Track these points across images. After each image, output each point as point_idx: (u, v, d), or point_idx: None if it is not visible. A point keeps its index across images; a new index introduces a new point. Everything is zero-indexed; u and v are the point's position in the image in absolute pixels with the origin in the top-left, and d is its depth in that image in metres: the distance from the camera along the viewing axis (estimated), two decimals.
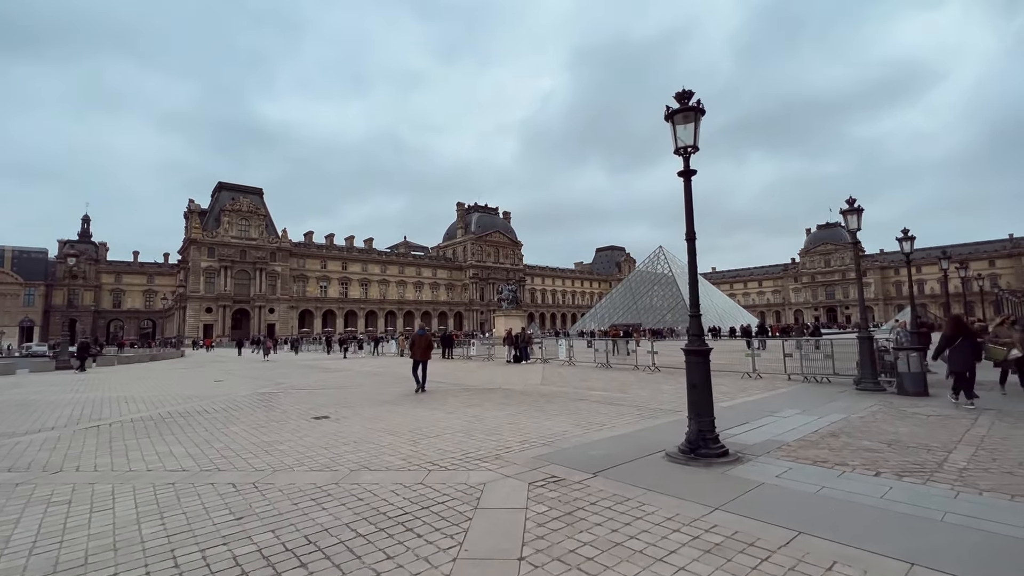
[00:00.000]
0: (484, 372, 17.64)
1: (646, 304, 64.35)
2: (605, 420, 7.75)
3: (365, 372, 18.89)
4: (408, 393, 11.90)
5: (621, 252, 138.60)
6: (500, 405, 9.62)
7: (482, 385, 13.33)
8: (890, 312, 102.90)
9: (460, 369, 19.25)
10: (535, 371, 17.20)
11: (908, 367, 9.60)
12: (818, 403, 8.96)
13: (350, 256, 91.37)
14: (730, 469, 4.89)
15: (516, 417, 8.23)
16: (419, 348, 12.51)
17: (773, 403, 9.10)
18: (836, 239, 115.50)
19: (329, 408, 9.80)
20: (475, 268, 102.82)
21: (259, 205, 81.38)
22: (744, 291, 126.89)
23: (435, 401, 10.41)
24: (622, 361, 18.53)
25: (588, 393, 11.11)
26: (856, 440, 5.99)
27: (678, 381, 13.18)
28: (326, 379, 16.35)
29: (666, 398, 10.04)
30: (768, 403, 9.11)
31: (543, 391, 11.67)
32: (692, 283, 5.58)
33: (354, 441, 6.68)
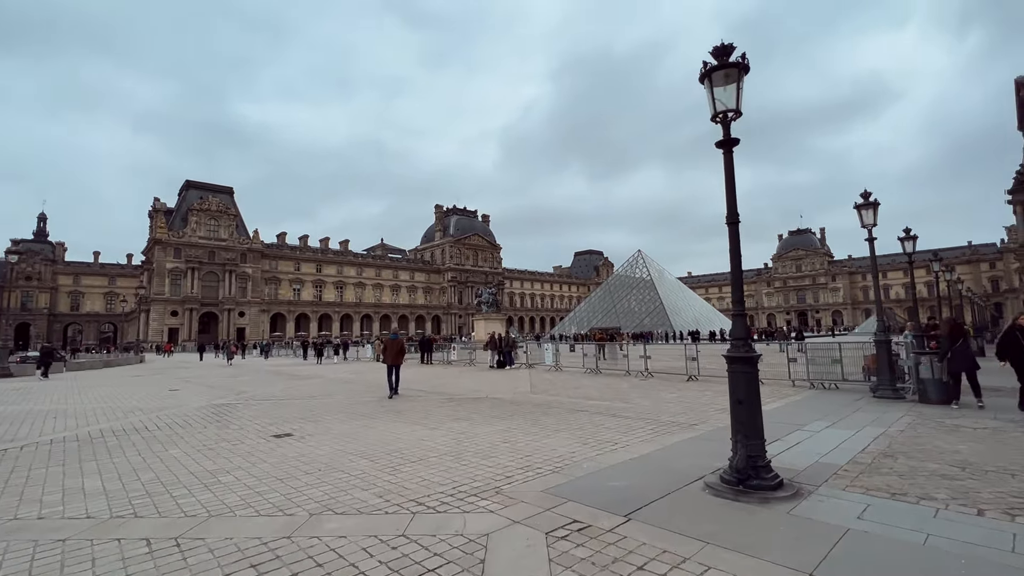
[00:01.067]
0: (467, 379, 16.47)
1: (625, 308, 64.23)
2: (614, 437, 6.72)
3: (338, 379, 17.50)
4: (385, 404, 10.68)
5: (599, 256, 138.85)
6: (490, 418, 8.50)
7: (467, 394, 12.19)
8: (858, 316, 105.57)
9: (441, 375, 18.03)
10: (522, 377, 16.12)
11: (932, 373, 8.88)
12: (842, 413, 8.12)
13: (325, 258, 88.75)
14: (794, 507, 3.90)
15: (511, 433, 7.13)
16: (392, 352, 12.36)
17: (794, 414, 8.23)
18: (807, 245, 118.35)
19: (294, 423, 8.52)
20: (453, 271, 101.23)
21: (229, 204, 78.29)
22: (719, 295, 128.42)
23: (416, 414, 9.23)
24: (612, 366, 17.60)
25: (585, 403, 10.08)
26: (919, 462, 5.10)
27: (677, 388, 12.29)
28: (294, 387, 14.94)
29: (673, 408, 9.08)
30: (789, 414, 8.24)
31: (535, 400, 10.60)
32: (735, 273, 4.60)
33: (319, 468, 5.47)
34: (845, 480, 4.55)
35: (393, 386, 12.05)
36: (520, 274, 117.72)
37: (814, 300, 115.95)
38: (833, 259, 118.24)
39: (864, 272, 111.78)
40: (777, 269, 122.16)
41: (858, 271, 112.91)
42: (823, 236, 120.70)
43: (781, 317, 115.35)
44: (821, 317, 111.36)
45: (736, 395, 4.44)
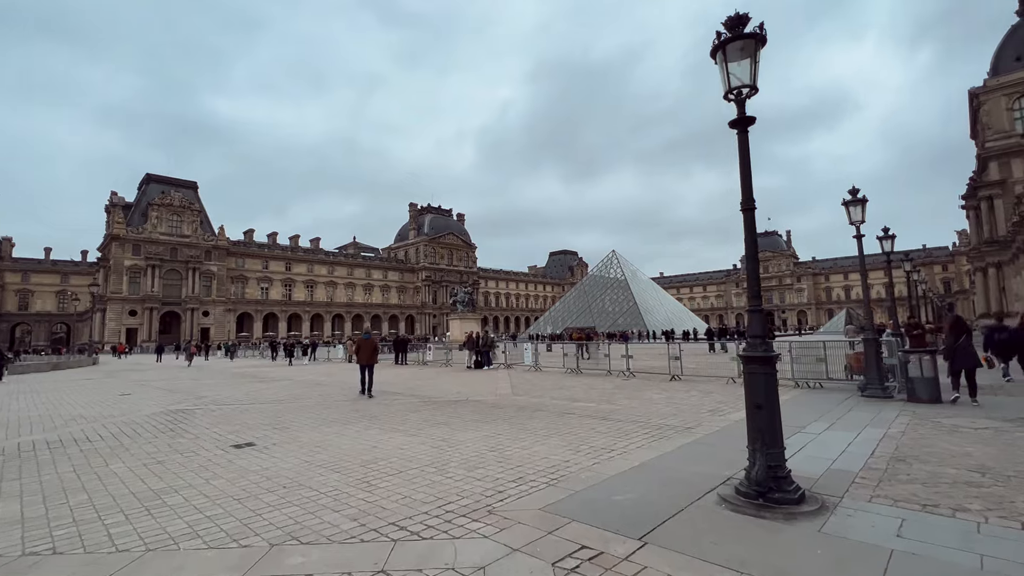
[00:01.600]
0: (444, 380, 15.83)
1: (599, 308, 64.63)
2: (608, 443, 6.26)
3: (308, 381, 16.61)
4: (359, 408, 9.99)
5: (574, 256, 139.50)
6: (473, 423, 7.95)
7: (445, 396, 11.58)
8: (822, 316, 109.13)
9: (417, 377, 17.33)
10: (501, 378, 15.59)
11: (921, 372, 8.77)
12: (837, 414, 7.89)
13: (295, 256, 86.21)
14: (823, 523, 3.50)
15: (497, 440, 6.60)
16: (365, 352, 12.15)
17: (789, 415, 7.84)
18: (773, 247, 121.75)
19: (257, 431, 7.78)
20: (428, 270, 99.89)
21: (193, 200, 75.15)
22: (690, 295, 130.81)
23: (393, 419, 8.59)
24: (593, 366, 17.24)
25: (571, 405, 9.62)
26: (935, 467, 4.80)
27: (662, 388, 11.97)
28: (260, 391, 14.02)
29: (663, 410, 8.71)
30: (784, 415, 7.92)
31: (519, 403, 10.09)
32: (751, 265, 4.19)
33: (284, 485, 4.83)
34: (867, 490, 4.19)
35: (366, 386, 11.96)
36: (495, 274, 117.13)
37: (780, 300, 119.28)
38: (798, 261, 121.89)
39: (827, 273, 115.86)
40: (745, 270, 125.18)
41: (821, 272, 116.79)
42: (789, 239, 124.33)
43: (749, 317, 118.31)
44: (787, 317, 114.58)
45: (754, 399, 4.02)
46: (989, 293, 50.84)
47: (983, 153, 46.30)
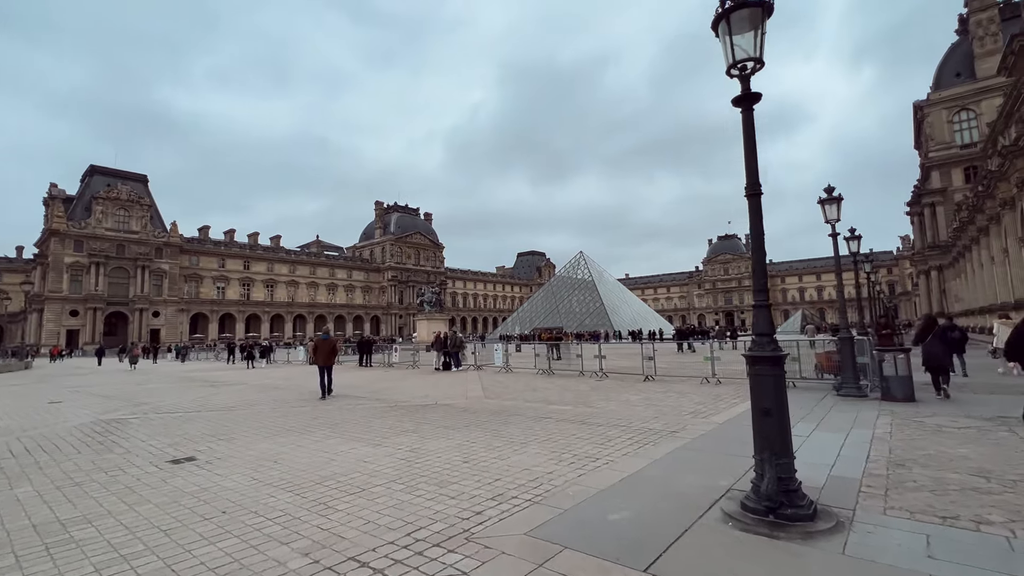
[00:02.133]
0: (412, 382, 15.12)
1: (566, 308, 65.00)
2: (591, 450, 5.81)
3: (265, 385, 15.56)
4: (318, 415, 9.22)
5: (542, 257, 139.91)
6: (444, 430, 7.36)
7: (413, 400, 10.92)
8: (778, 317, 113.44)
9: (382, 379, 16.53)
10: (472, 380, 15.00)
11: (896, 370, 8.75)
12: (819, 414, 7.71)
13: (254, 254, 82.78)
14: (844, 543, 3.13)
15: (471, 449, 6.04)
16: (323, 353, 11.89)
17: None
18: (734, 250, 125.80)
19: (201, 443, 6.95)
20: (394, 270, 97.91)
21: (142, 194, 70.99)
22: (654, 296, 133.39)
23: (355, 426, 7.89)
24: (565, 367, 16.87)
25: (547, 408, 9.16)
26: (937, 472, 4.56)
27: (637, 389, 11.68)
28: (210, 397, 12.95)
29: (643, 412, 8.35)
30: None
31: (491, 407, 9.55)
32: (757, 255, 3.80)
33: (224, 510, 4.14)
34: (877, 500, 3.87)
35: (325, 388, 11.74)
36: (463, 274, 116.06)
37: (740, 301, 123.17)
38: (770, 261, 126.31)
39: (783, 275, 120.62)
40: (707, 272, 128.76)
41: (777, 275, 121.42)
42: (747, 241, 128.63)
43: (710, 317, 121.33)
44: (746, 317, 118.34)
45: (761, 403, 3.63)
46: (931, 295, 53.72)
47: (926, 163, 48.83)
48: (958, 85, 47.00)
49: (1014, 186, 26.34)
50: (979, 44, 45.77)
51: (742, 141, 3.88)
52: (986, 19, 45.49)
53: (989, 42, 45.25)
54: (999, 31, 44.91)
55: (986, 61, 45.14)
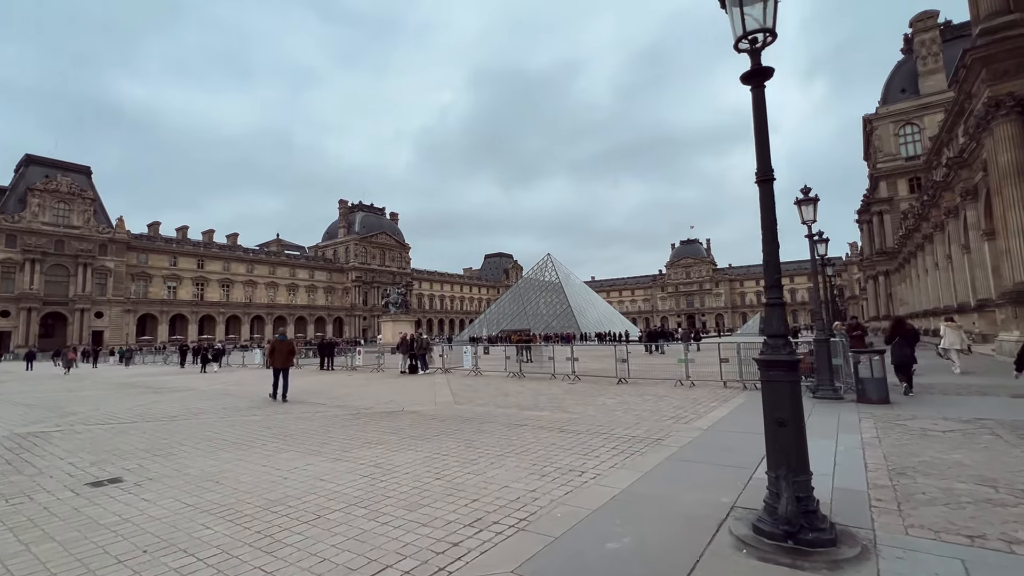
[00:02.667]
0: (376, 387, 14.34)
1: (533, 310, 65.07)
2: (575, 462, 5.35)
3: (215, 391, 14.44)
4: (272, 424, 8.41)
5: (509, 259, 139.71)
6: (412, 440, 6.74)
7: (378, 407, 10.21)
8: (737, 319, 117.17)
9: (345, 383, 15.65)
10: (440, 384, 14.35)
11: (871, 373, 8.70)
12: None
13: (208, 253, 78.97)
14: (877, 574, 2.76)
15: (443, 463, 5.47)
16: (280, 355, 11.58)
17: (751, 422, 7.47)
18: (695, 254, 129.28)
19: (131, 460, 6.10)
20: (358, 270, 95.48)
21: (85, 187, 66.55)
22: (619, 299, 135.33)
23: (312, 437, 7.17)
24: (536, 369, 16.43)
25: (521, 414, 8.66)
26: (941, 482, 4.31)
27: (613, 392, 11.33)
28: (152, 405, 11.83)
29: (623, 418, 7.97)
30: (747, 421, 7.46)
31: (463, 413, 8.97)
32: (769, 248, 3.41)
33: (146, 547, 3.43)
34: (893, 517, 3.55)
35: (280, 392, 11.44)
36: (429, 275, 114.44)
37: (701, 304, 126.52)
38: (717, 267, 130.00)
39: (742, 279, 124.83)
40: (670, 275, 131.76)
41: (737, 278, 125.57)
42: (709, 247, 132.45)
43: (673, 319, 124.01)
44: (706, 320, 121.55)
45: (776, 413, 3.24)
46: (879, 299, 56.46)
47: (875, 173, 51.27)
48: (903, 101, 49.60)
49: (958, 195, 27.71)
50: (922, 63, 48.44)
51: (753, 122, 3.50)
52: (928, 39, 48.17)
53: (931, 61, 47.96)
54: (940, 51, 47.66)
55: (929, 79, 47.83)
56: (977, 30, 17.05)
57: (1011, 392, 9.25)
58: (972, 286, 28.06)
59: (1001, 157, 16.97)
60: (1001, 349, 17.23)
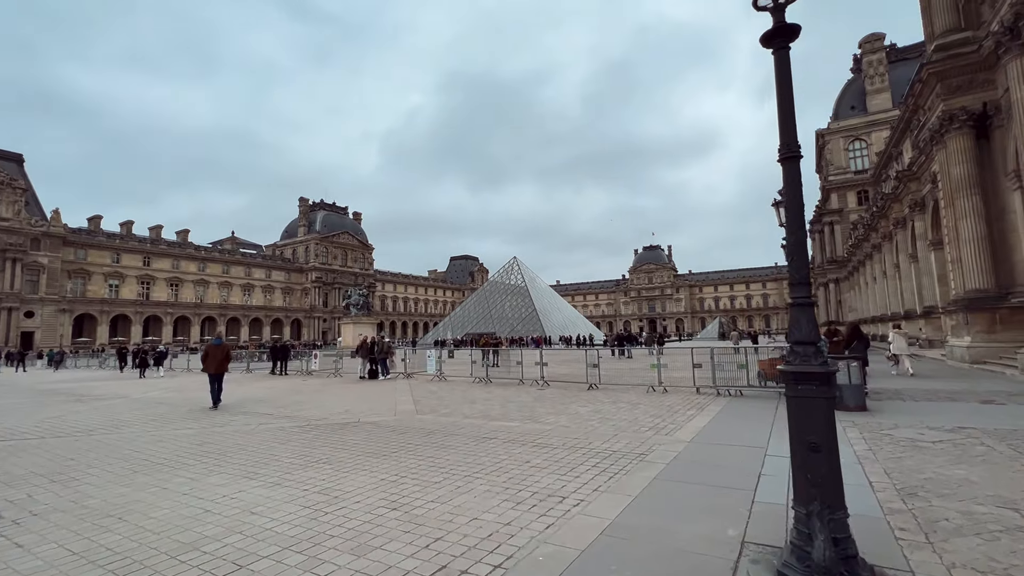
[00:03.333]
0: (332, 394, 13.32)
1: (499, 313, 64.67)
2: (553, 483, 4.71)
3: (147, 400, 13.06)
4: (206, 439, 7.40)
5: (475, 262, 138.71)
6: (367, 459, 5.94)
7: (332, 417, 9.29)
8: (696, 324, 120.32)
9: (298, 390, 14.52)
10: (402, 391, 13.47)
11: (849, 379, 8.49)
12: (783, 428, 7.17)
13: (156, 249, 74.45)
14: None
15: (401, 489, 4.72)
16: (214, 360, 10.99)
17: (739, 431, 7.05)
18: (657, 260, 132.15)
19: (23, 487, 5.05)
20: (319, 271, 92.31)
21: (16, 176, 61.48)
22: (583, 303, 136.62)
23: (250, 455, 6.25)
24: (504, 374, 15.76)
25: (490, 425, 7.97)
26: (957, 503, 3.90)
27: (584, 400, 10.80)
28: (69, 415, 10.45)
29: (600, 428, 7.41)
30: (733, 432, 7.03)
31: (426, 424, 8.20)
32: (794, 238, 2.89)
33: None
34: (927, 553, 3.07)
35: (213, 399, 10.95)
36: (393, 277, 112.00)
37: (662, 309, 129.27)
38: (677, 273, 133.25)
39: (701, 285, 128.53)
40: (633, 280, 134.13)
41: (696, 284, 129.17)
42: (670, 253, 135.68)
43: (635, 324, 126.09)
44: (667, 324, 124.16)
45: (806, 435, 2.70)
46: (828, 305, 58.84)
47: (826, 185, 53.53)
48: (853, 117, 52.08)
49: (906, 207, 28.90)
50: (870, 82, 51.04)
51: (775, 91, 2.97)
52: (876, 60, 50.79)
53: (878, 81, 50.59)
54: (886, 72, 50.31)
55: (876, 98, 50.43)
56: (932, 46, 17.60)
57: (979, 398, 9.26)
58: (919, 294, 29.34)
59: (954, 169, 17.54)
60: (952, 354, 17.80)
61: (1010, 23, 12.39)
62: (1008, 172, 16.35)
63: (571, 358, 21.66)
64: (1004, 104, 16.50)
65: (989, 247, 16.77)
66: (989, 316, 16.22)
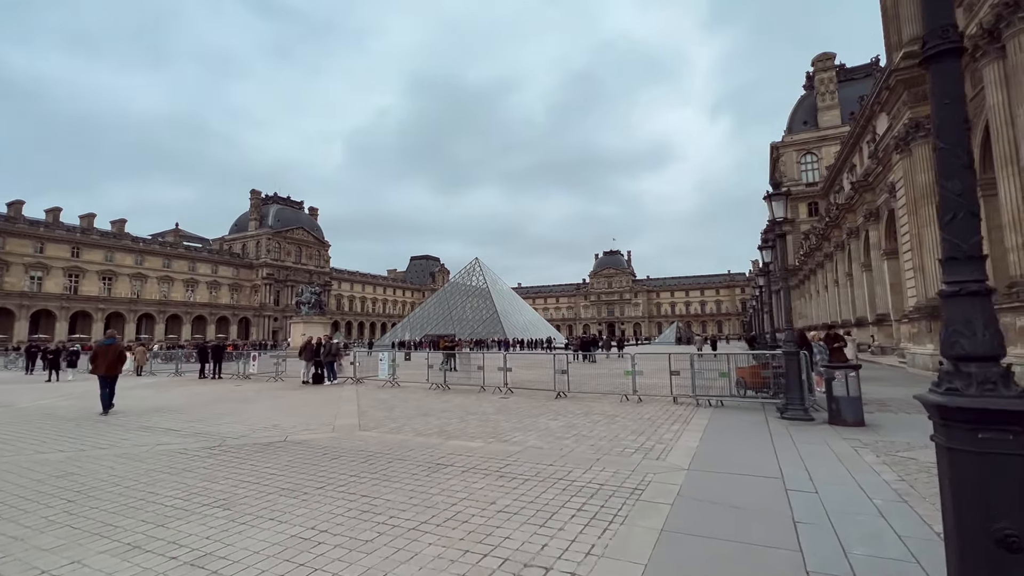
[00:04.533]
0: (264, 403, 11.59)
1: (459, 315, 63.46)
2: (529, 540, 3.45)
3: (36, 409, 10.93)
4: (73, 467, 5.71)
5: (436, 262, 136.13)
6: (278, 497, 4.49)
7: (253, 433, 7.69)
8: (653, 328, 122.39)
9: (224, 398, 12.66)
10: (347, 399, 11.90)
11: (847, 390, 7.67)
12: (785, 447, 6.18)
13: (87, 240, 68.40)
14: None
15: (314, 555, 3.34)
16: (105, 362, 10.17)
17: (739, 453, 6.00)
18: (617, 265, 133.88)
19: None
20: (270, 267, 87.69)
21: None
22: (544, 306, 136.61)
23: (120, 496, 4.66)
24: (463, 380, 14.37)
25: (447, 447, 6.62)
26: None
27: (554, 411, 9.60)
28: None
29: (577, 450, 6.20)
30: (729, 456, 5.99)
31: (368, 445, 6.75)
32: (958, 182, 1.77)
33: None
34: None
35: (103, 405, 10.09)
36: (350, 275, 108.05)
37: (621, 313, 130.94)
38: (636, 278, 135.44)
39: (658, 291, 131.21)
40: (593, 284, 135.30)
41: (654, 289, 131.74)
42: (629, 258, 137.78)
43: (595, 327, 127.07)
44: (625, 328, 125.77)
45: (996, 521, 1.56)
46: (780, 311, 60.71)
47: None
48: (805, 132, 54.05)
49: (861, 217, 29.51)
50: (821, 99, 53.14)
51: None
52: (827, 78, 52.96)
53: (829, 98, 52.73)
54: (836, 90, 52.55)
55: (826, 114, 52.56)
56: (900, 54, 17.56)
57: None
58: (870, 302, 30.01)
59: (919, 177, 17.54)
60: (913, 362, 17.78)
61: (990, 25, 12.19)
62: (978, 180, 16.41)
63: (535, 362, 20.53)
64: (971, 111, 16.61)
65: None
66: None
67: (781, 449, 6.09)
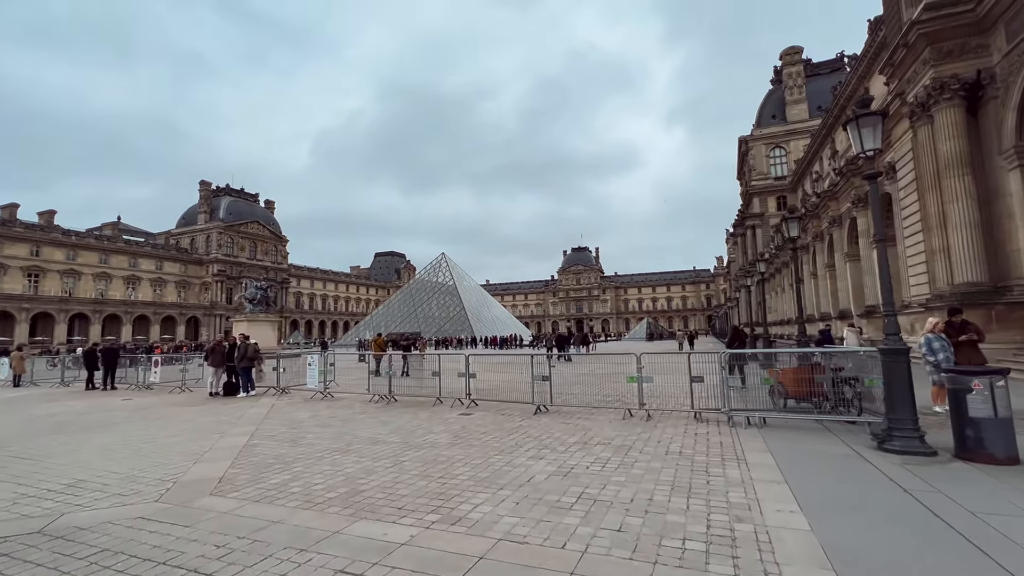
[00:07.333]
0: (128, 428, 8.14)
1: (425, 313, 60.20)
2: None
3: None
4: None
5: (402, 259, 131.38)
6: None
7: (19, 505, 4.39)
8: (621, 324, 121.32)
9: (83, 421, 9.08)
10: (247, 420, 8.57)
11: (994, 409, 4.94)
12: (967, 527, 3.40)
13: (9, 232, 61.19)
14: None
15: None
16: None
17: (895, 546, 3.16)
18: (585, 261, 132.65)
19: None
20: (222, 263, 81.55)
21: None
22: (513, 303, 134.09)
23: None
24: (416, 389, 11.17)
25: (339, 546, 3.53)
26: None
27: (538, 441, 6.59)
28: None
29: (589, 543, 3.22)
30: (877, 546, 3.13)
31: (200, 535, 3.58)
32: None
33: None
34: None
35: None
36: (310, 272, 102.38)
37: (589, 310, 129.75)
38: (604, 275, 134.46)
39: (626, 287, 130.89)
40: (561, 281, 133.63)
41: (622, 286, 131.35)
42: (597, 255, 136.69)
43: (563, 324, 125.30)
44: (594, 325, 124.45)
45: None
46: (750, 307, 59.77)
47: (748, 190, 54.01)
48: (774, 125, 53.00)
49: (848, 202, 27.60)
50: (789, 93, 52.16)
51: None
52: (795, 72, 52.02)
53: (796, 92, 51.80)
54: (804, 84, 51.68)
55: (794, 108, 51.61)
56: (921, 6, 15.34)
57: None
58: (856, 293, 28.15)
59: (942, 146, 15.33)
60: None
61: None
62: (1004, 150, 14.28)
63: (505, 361, 17.50)
64: (1001, 71, 14.47)
65: (982, 235, 14.70)
66: (984, 314, 14.00)
67: (971, 534, 3.25)
